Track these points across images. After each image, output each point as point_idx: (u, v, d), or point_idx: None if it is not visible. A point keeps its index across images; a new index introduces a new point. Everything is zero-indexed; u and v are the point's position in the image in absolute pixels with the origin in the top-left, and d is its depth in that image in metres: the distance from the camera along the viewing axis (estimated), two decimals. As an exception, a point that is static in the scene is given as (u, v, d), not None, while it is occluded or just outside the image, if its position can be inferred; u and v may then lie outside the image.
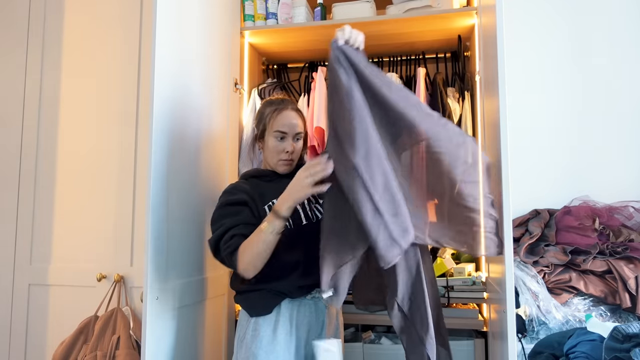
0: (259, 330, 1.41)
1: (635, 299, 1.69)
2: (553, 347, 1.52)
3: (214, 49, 1.87)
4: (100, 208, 2.21)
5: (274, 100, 1.56)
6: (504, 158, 1.38)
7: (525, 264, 1.83)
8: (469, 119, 2.08)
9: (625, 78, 2.10)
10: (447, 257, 1.99)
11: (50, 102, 2.32)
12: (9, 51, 2.39)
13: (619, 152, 2.08)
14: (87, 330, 2.01)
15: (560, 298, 1.77)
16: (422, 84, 2.05)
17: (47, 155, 2.29)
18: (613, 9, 2.12)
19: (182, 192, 1.61)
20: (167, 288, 1.50)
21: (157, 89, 1.47)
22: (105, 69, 2.28)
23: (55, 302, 2.22)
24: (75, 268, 2.21)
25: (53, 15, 2.36)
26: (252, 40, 2.25)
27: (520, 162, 2.12)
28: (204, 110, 1.78)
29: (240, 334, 1.44)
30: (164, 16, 1.51)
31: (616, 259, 1.75)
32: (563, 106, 2.13)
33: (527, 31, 2.18)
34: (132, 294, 2.15)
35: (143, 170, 2.18)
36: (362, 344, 1.90)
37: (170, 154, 1.54)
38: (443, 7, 2.01)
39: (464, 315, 1.92)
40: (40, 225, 2.27)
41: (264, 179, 1.52)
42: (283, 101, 1.54)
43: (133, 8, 2.27)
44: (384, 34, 2.15)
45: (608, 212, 1.92)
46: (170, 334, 1.52)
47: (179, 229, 1.59)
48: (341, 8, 2.12)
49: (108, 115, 2.25)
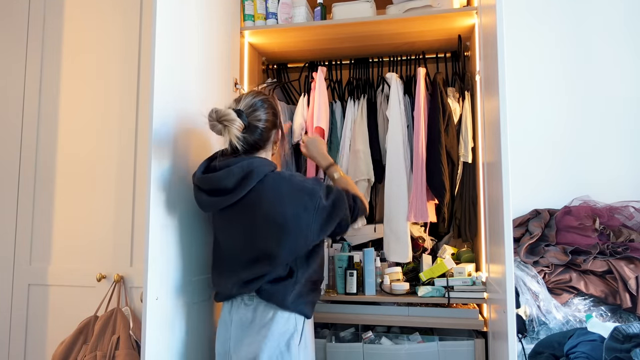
0: (309, 331, 1.52)
1: (636, 299, 1.69)
2: (553, 347, 1.52)
3: (214, 49, 1.87)
4: (100, 208, 2.21)
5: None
6: (504, 158, 1.38)
7: (525, 264, 1.83)
8: (469, 119, 2.08)
9: (626, 78, 2.10)
10: (447, 258, 1.99)
11: (50, 102, 2.32)
12: (9, 51, 2.39)
13: (619, 152, 2.08)
14: (87, 331, 2.01)
15: (561, 298, 1.77)
16: (422, 84, 2.05)
17: (46, 155, 2.29)
18: (613, 9, 2.12)
19: (182, 192, 1.61)
20: (167, 288, 1.50)
21: (157, 88, 1.47)
22: (105, 69, 2.28)
23: (54, 302, 2.22)
24: (75, 268, 2.21)
25: (53, 16, 2.36)
26: (252, 40, 2.25)
27: (520, 162, 2.12)
28: (204, 110, 1.77)
29: (289, 339, 1.46)
30: (164, 16, 1.51)
31: (616, 259, 1.75)
32: (563, 106, 2.13)
33: (527, 31, 2.18)
34: (132, 294, 2.15)
35: (143, 170, 2.18)
36: (362, 344, 1.90)
37: (170, 154, 1.54)
38: (443, 7, 2.01)
39: (464, 316, 1.91)
40: (40, 226, 2.27)
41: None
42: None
43: (133, 8, 2.28)
44: (384, 34, 2.15)
45: (608, 212, 1.92)
46: (170, 334, 1.51)
47: (179, 228, 1.59)
48: (341, 8, 2.11)
49: (108, 115, 2.25)
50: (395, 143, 2.07)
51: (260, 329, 1.46)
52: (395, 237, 2.03)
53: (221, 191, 1.45)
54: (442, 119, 2.02)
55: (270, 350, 1.43)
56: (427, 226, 2.16)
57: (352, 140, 2.17)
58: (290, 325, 1.47)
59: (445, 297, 1.90)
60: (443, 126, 2.02)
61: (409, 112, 2.15)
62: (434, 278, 1.96)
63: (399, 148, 2.06)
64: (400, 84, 2.13)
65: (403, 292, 1.96)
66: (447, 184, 2.00)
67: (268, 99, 1.57)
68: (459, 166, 2.08)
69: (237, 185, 1.43)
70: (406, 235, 2.02)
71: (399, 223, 2.03)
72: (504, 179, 1.37)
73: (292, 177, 1.48)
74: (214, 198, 1.47)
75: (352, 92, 2.30)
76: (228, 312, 1.55)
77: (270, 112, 1.55)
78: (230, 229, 1.50)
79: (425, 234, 2.21)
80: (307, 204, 1.42)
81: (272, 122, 1.55)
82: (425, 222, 2.04)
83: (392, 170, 2.06)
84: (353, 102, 2.23)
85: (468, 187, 2.09)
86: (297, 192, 1.43)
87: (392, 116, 2.09)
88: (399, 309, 1.96)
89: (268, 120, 1.53)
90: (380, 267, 2.07)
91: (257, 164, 1.45)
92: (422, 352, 1.86)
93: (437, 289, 1.92)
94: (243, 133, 1.46)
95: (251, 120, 1.49)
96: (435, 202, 2.10)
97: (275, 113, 1.57)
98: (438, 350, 1.86)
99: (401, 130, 2.07)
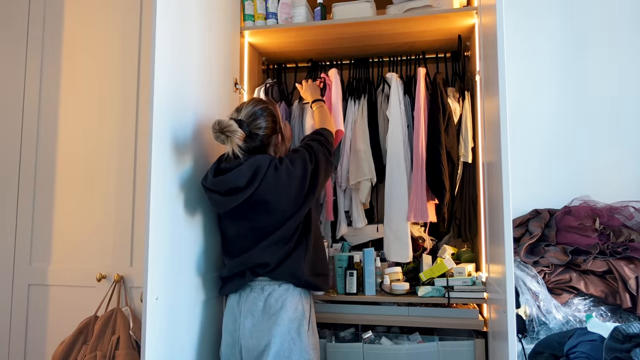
0: (314, 320, 1.67)
1: (636, 299, 1.69)
2: (553, 347, 1.52)
3: (213, 49, 1.87)
4: (100, 208, 2.21)
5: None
6: (504, 158, 1.38)
7: (525, 264, 1.83)
8: (469, 119, 2.08)
9: (626, 78, 2.10)
10: (447, 257, 1.99)
11: (50, 102, 2.32)
12: (9, 51, 2.39)
13: (619, 152, 2.08)
14: (87, 331, 2.01)
15: (561, 298, 1.77)
16: (422, 84, 2.05)
17: (46, 155, 2.29)
18: (613, 9, 2.12)
19: (182, 191, 1.61)
20: (167, 288, 1.50)
21: (157, 88, 1.47)
22: (105, 68, 2.28)
23: (54, 302, 2.22)
24: (75, 268, 2.21)
25: (53, 16, 2.36)
26: (252, 40, 2.25)
27: (520, 162, 2.12)
28: (203, 110, 1.78)
29: (299, 326, 1.57)
30: (164, 16, 1.51)
31: (616, 259, 1.75)
32: (563, 106, 2.13)
33: (527, 31, 2.18)
34: (132, 294, 2.15)
35: (143, 170, 2.18)
36: (362, 344, 1.90)
37: (170, 154, 1.54)
38: (443, 7, 2.01)
39: (464, 316, 1.91)
40: (40, 226, 2.27)
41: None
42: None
43: (133, 8, 2.27)
44: (384, 34, 2.15)
45: (608, 212, 1.91)
46: (170, 334, 1.51)
47: (179, 228, 1.59)
48: (341, 8, 2.11)
49: (108, 115, 2.25)
50: (395, 143, 2.07)
51: (270, 316, 1.57)
52: (395, 237, 2.03)
53: (234, 190, 1.57)
54: (442, 119, 2.02)
55: (282, 337, 1.53)
56: (427, 226, 2.16)
57: (352, 140, 2.17)
58: (298, 312, 1.59)
59: (445, 297, 1.90)
60: (443, 126, 2.02)
61: (409, 112, 2.15)
62: (434, 278, 1.96)
63: (399, 148, 2.06)
64: (400, 84, 2.13)
65: (403, 292, 1.96)
66: (447, 184, 2.00)
67: (268, 107, 1.69)
68: (459, 166, 2.08)
69: (248, 183, 1.56)
70: (406, 235, 2.02)
71: (399, 223, 2.03)
72: (504, 179, 1.37)
73: (287, 168, 1.61)
74: (229, 197, 1.59)
75: (353, 92, 2.30)
76: (237, 303, 1.64)
77: (270, 120, 1.67)
78: (241, 223, 1.63)
79: (425, 234, 2.21)
80: (300, 186, 1.61)
81: (271, 128, 1.68)
82: (425, 222, 2.04)
83: (392, 170, 2.06)
84: (353, 102, 2.23)
85: (468, 187, 2.09)
86: (294, 179, 1.60)
87: (392, 116, 2.09)
88: (399, 309, 1.96)
89: (268, 127, 1.66)
90: (380, 267, 2.07)
91: (261, 161, 1.59)
92: (422, 352, 1.86)
93: (437, 289, 1.92)
94: (245, 141, 1.60)
95: (252, 129, 1.63)
96: (435, 202, 2.10)
97: (275, 120, 1.70)
98: (438, 350, 1.86)
99: (401, 130, 2.07)
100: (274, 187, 1.57)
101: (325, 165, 1.66)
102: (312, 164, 1.63)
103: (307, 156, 1.63)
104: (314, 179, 1.63)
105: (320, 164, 1.64)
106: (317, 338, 1.66)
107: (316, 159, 1.65)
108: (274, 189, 1.57)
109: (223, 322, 1.68)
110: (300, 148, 1.67)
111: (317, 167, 1.64)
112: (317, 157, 1.65)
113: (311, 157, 1.64)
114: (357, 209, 2.16)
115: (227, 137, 1.57)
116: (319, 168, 1.64)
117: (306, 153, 1.64)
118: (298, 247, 1.62)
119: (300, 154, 1.64)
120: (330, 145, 1.73)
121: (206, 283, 1.74)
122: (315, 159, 1.64)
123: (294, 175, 1.59)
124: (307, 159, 1.63)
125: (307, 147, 1.68)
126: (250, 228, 1.62)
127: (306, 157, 1.63)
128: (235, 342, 1.61)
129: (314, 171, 1.63)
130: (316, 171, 1.63)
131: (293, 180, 1.59)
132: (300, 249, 1.62)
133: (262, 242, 1.60)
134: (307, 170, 1.61)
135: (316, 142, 1.69)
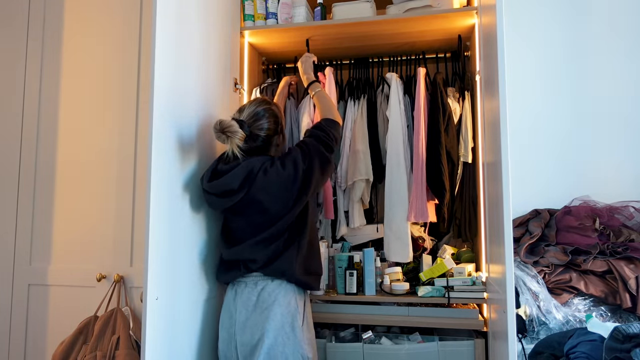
0: (309, 316, 1.67)
1: (636, 299, 1.69)
2: (553, 347, 1.52)
3: (213, 49, 1.87)
4: (100, 208, 2.21)
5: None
6: (504, 158, 1.38)
7: (525, 264, 1.83)
8: (469, 119, 2.08)
9: (626, 78, 2.10)
10: (447, 257, 1.99)
11: (50, 102, 2.32)
12: (9, 51, 2.39)
13: (619, 152, 2.08)
14: (87, 331, 2.01)
15: (561, 298, 1.77)
16: (422, 84, 2.05)
17: (46, 155, 2.29)
18: (612, 9, 2.12)
19: (182, 191, 1.61)
20: (167, 288, 1.50)
21: (157, 88, 1.47)
22: (105, 68, 2.28)
23: (54, 302, 2.22)
24: (75, 268, 2.21)
25: (53, 16, 2.36)
26: (252, 40, 2.25)
27: (520, 162, 2.12)
28: (203, 110, 1.78)
29: (293, 320, 1.57)
30: (164, 16, 1.51)
31: (616, 259, 1.75)
32: (563, 106, 2.13)
33: (527, 31, 2.18)
34: (132, 294, 2.15)
35: (143, 170, 2.18)
36: (362, 344, 1.90)
37: (170, 153, 1.54)
38: (443, 7, 2.01)
39: (464, 316, 1.91)
40: (40, 226, 2.27)
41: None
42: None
43: (133, 8, 2.27)
44: (384, 34, 2.15)
45: (608, 212, 1.92)
46: (170, 334, 1.51)
47: (179, 228, 1.59)
48: (341, 8, 2.11)
49: (108, 115, 2.25)
50: (395, 143, 2.07)
51: (263, 311, 1.57)
52: (395, 237, 2.03)
53: (229, 192, 1.60)
54: (442, 119, 2.02)
55: (276, 331, 1.54)
56: (427, 226, 2.16)
57: (352, 140, 2.17)
58: (292, 307, 1.59)
59: (445, 297, 1.90)
60: (443, 126, 2.02)
61: (409, 112, 2.15)
62: (434, 278, 1.96)
63: (399, 148, 2.06)
64: (400, 84, 2.13)
65: (403, 292, 1.96)
66: (447, 184, 2.00)
67: (270, 108, 1.68)
68: (459, 166, 2.08)
69: (241, 185, 1.58)
70: (406, 235, 2.02)
71: (399, 223, 2.03)
72: (504, 179, 1.38)
73: (276, 170, 1.60)
74: (224, 199, 1.62)
75: (352, 92, 2.30)
76: (232, 299, 1.65)
77: (272, 120, 1.67)
78: (239, 218, 1.65)
79: (425, 234, 2.21)
80: (290, 188, 1.59)
81: (273, 129, 1.68)
82: (425, 222, 2.04)
83: (392, 170, 2.06)
84: (353, 102, 2.23)
85: (468, 187, 2.09)
86: (284, 181, 1.59)
87: (392, 116, 2.09)
88: (399, 309, 1.96)
89: (269, 128, 1.66)
90: (380, 267, 2.07)
91: (254, 163, 1.60)
92: (422, 352, 1.86)
93: (437, 289, 1.92)
94: (246, 142, 1.61)
95: (253, 129, 1.63)
96: (435, 202, 2.10)
97: (277, 120, 1.69)
98: (438, 350, 1.86)
99: (401, 130, 2.07)
100: (264, 189, 1.58)
101: (320, 165, 1.62)
102: (305, 164, 1.60)
103: (300, 157, 1.60)
104: (307, 180, 1.59)
105: (314, 164, 1.60)
106: (312, 333, 1.65)
107: (310, 159, 1.61)
108: (264, 190, 1.58)
109: (220, 319, 1.68)
110: (295, 147, 1.65)
111: (311, 167, 1.60)
112: (311, 157, 1.61)
113: (304, 157, 1.61)
114: (352, 208, 2.16)
115: (228, 137, 1.57)
116: (312, 168, 1.60)
117: (299, 153, 1.61)
118: (290, 246, 1.62)
119: (292, 155, 1.61)
120: (332, 139, 1.67)
121: (206, 283, 1.74)
122: (309, 159, 1.61)
123: (283, 177, 1.57)
124: (298, 159, 1.59)
125: (302, 146, 1.65)
126: (248, 223, 1.64)
127: (298, 157, 1.60)
128: (232, 337, 1.61)
129: (306, 172, 1.59)
130: (309, 172, 1.60)
131: (282, 182, 1.57)
132: (292, 248, 1.61)
133: (252, 239, 1.61)
134: (299, 171, 1.58)
135: (314, 139, 1.66)
